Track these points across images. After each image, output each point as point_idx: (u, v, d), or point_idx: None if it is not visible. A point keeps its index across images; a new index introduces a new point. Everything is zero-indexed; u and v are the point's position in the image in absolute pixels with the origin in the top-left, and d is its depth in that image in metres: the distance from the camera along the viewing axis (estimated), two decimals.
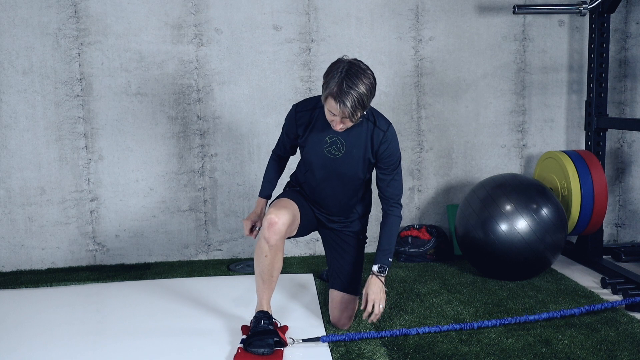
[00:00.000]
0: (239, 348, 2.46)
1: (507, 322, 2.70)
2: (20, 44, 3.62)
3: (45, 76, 3.67)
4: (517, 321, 2.70)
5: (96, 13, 3.65)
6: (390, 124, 2.63)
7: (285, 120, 2.73)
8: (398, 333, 2.60)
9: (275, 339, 2.45)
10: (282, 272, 3.54)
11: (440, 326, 2.65)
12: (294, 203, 2.64)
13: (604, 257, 3.69)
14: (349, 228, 2.81)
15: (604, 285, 3.24)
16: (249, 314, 2.82)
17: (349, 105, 2.32)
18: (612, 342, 2.51)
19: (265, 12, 3.77)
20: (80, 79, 3.69)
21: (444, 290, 3.21)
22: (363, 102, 2.35)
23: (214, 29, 3.74)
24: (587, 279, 3.39)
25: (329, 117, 2.45)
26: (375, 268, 2.62)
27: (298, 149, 2.79)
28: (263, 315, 2.54)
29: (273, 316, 2.59)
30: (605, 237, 4.10)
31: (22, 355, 2.48)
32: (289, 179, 2.93)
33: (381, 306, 2.57)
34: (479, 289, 3.21)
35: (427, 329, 2.62)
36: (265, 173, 2.87)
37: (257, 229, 2.73)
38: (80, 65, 3.68)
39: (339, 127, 2.45)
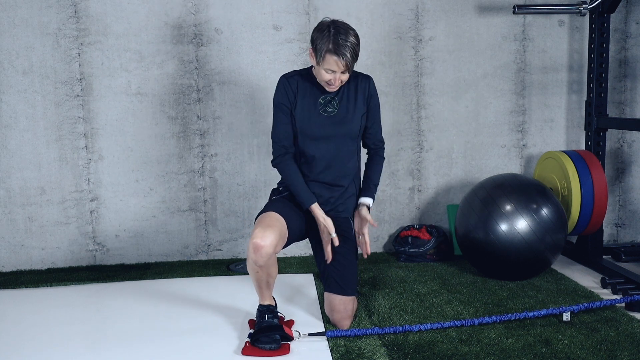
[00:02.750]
0: (246, 342, 2.49)
1: (506, 318, 2.72)
2: (20, 44, 3.62)
3: (45, 76, 3.67)
4: (517, 317, 2.72)
5: (96, 13, 3.65)
6: None
7: (278, 97, 2.72)
8: (401, 330, 2.61)
9: (282, 334, 2.48)
10: (281, 273, 3.56)
11: (441, 322, 2.67)
12: (280, 217, 2.57)
13: (604, 257, 3.69)
14: (346, 205, 2.77)
15: (604, 285, 3.24)
16: (251, 312, 2.82)
17: (348, 55, 2.49)
18: (612, 342, 2.51)
19: (265, 12, 3.77)
20: (80, 79, 3.69)
21: (444, 290, 3.21)
22: (357, 52, 2.55)
23: (214, 29, 3.74)
24: (587, 279, 3.39)
25: (326, 77, 2.57)
26: (370, 202, 2.78)
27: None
28: (266, 310, 2.56)
29: (278, 310, 2.63)
30: (605, 237, 4.10)
31: (22, 355, 2.48)
32: (276, 186, 2.87)
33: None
34: (479, 289, 3.21)
35: (429, 326, 2.64)
36: (293, 179, 2.68)
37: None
38: (80, 65, 3.68)
39: (337, 83, 2.58)
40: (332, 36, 2.49)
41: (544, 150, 4.03)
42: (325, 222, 2.65)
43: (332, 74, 2.56)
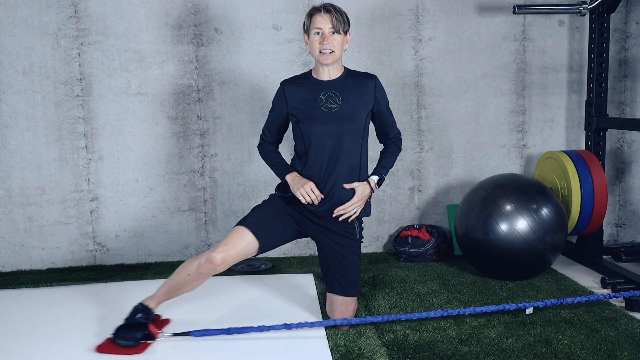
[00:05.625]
0: (107, 338, 2.49)
1: (493, 309, 2.73)
2: (20, 44, 3.62)
3: (45, 76, 3.67)
4: (507, 309, 2.72)
5: (96, 13, 3.65)
6: None
7: (274, 100, 2.79)
8: (334, 323, 2.62)
9: (145, 333, 2.46)
10: (282, 272, 3.57)
11: (418, 313, 2.69)
12: (249, 235, 2.59)
13: (604, 257, 3.69)
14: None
15: (604, 285, 3.24)
16: (250, 313, 2.82)
17: (332, 10, 2.61)
18: (612, 342, 2.51)
19: (265, 12, 3.77)
20: (80, 79, 3.69)
21: (444, 290, 3.21)
22: (344, 14, 2.65)
23: (214, 29, 3.74)
24: (587, 279, 3.39)
25: (316, 40, 2.62)
26: (375, 178, 2.74)
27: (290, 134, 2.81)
28: (142, 309, 2.55)
29: (156, 312, 2.62)
30: (605, 237, 4.10)
31: (22, 355, 2.48)
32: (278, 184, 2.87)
33: (355, 212, 2.70)
34: (479, 289, 3.21)
35: (394, 317, 2.65)
36: (272, 159, 2.82)
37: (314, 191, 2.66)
38: (80, 65, 3.68)
39: (327, 45, 2.59)
40: (317, 5, 2.69)
41: (544, 150, 4.03)
42: (307, 185, 2.66)
43: (320, 35, 2.61)
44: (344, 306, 2.72)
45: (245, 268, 3.67)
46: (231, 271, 3.63)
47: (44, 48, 3.64)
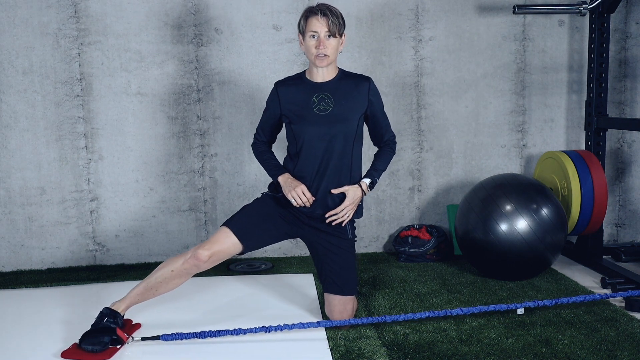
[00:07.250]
0: (74, 343, 2.46)
1: (492, 309, 2.72)
2: (20, 44, 3.62)
3: (45, 76, 3.67)
4: (507, 308, 2.73)
5: (96, 13, 3.65)
6: None
7: (268, 101, 2.79)
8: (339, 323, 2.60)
9: (113, 337, 2.43)
10: (282, 272, 3.56)
11: (412, 314, 2.67)
12: (231, 237, 2.61)
13: (604, 257, 3.69)
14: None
15: (604, 285, 3.24)
16: (249, 313, 2.82)
17: (329, 13, 2.58)
18: (612, 342, 2.51)
19: (265, 12, 3.77)
20: (80, 79, 3.69)
21: (444, 290, 3.21)
22: (339, 16, 2.62)
23: (214, 29, 3.75)
24: (587, 279, 3.39)
25: (312, 44, 2.60)
26: (367, 181, 2.73)
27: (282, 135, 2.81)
28: (109, 313, 2.53)
29: (125, 316, 2.62)
30: (605, 237, 4.10)
31: (22, 355, 2.48)
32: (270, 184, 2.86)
33: (347, 216, 2.69)
34: (479, 289, 3.21)
35: (394, 317, 2.63)
36: (266, 159, 2.83)
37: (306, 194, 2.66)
38: (80, 65, 3.68)
39: (323, 49, 2.58)
40: (311, 6, 2.66)
41: (544, 150, 4.03)
42: (298, 188, 2.66)
43: (316, 39, 2.59)
44: (342, 305, 2.71)
45: (245, 268, 3.67)
46: (231, 271, 3.63)
47: (44, 48, 3.64)
